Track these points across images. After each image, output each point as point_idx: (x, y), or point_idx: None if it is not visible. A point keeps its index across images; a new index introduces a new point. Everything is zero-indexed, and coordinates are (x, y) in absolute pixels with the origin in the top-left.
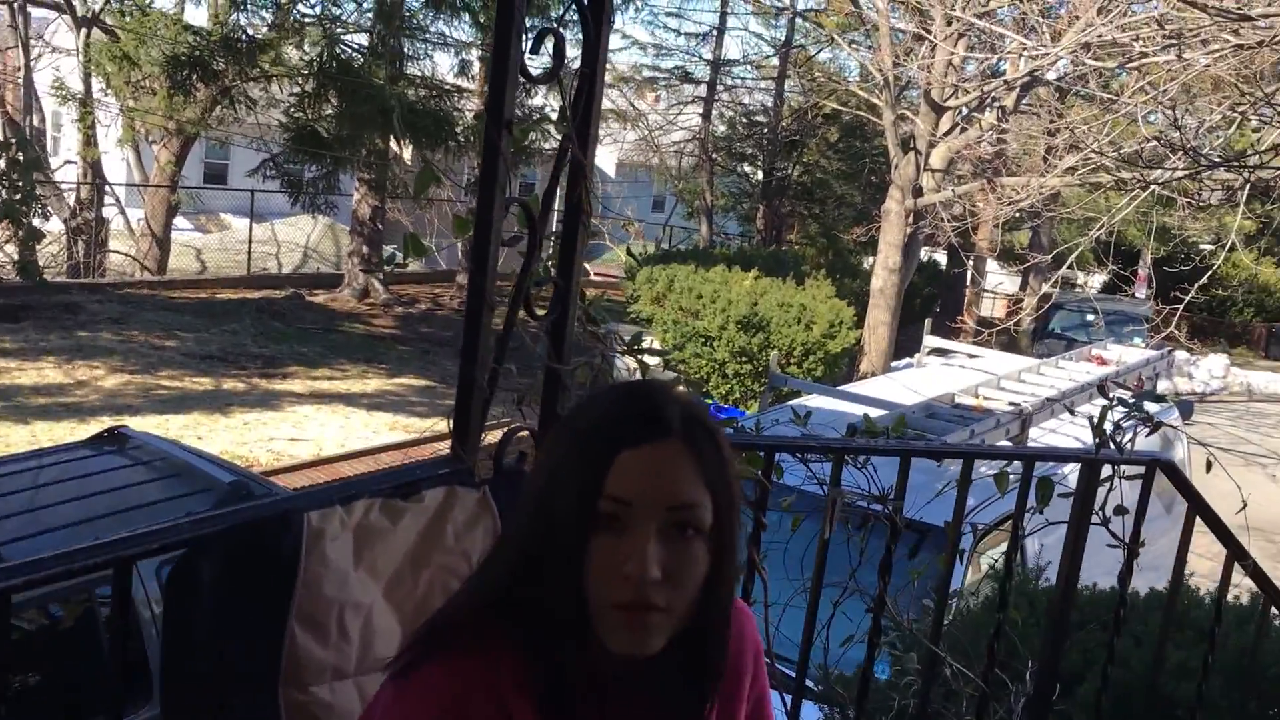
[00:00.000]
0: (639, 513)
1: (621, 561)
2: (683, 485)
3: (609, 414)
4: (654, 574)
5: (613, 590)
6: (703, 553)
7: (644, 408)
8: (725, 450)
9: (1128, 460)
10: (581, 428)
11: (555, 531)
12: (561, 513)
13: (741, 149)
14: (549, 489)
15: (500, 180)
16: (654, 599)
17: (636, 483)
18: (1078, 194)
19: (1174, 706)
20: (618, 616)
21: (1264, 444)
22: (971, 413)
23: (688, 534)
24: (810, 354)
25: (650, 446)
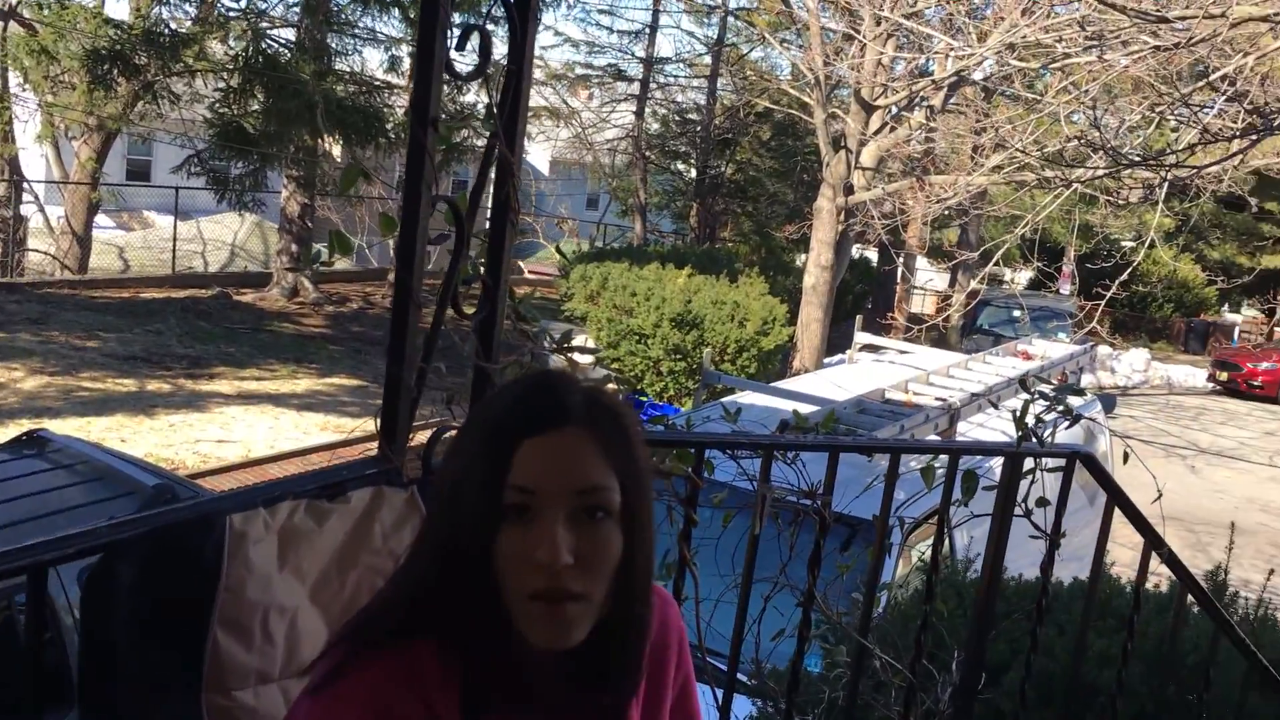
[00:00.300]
0: (545, 500)
1: (532, 550)
2: (587, 469)
3: (511, 404)
4: (565, 558)
5: (526, 580)
6: (615, 535)
7: (545, 396)
8: (631, 432)
9: (1048, 453)
10: (485, 419)
11: (464, 526)
12: (469, 507)
13: (675, 147)
14: (457, 484)
15: (427, 178)
16: (569, 585)
17: (540, 470)
18: (1004, 192)
19: (1096, 693)
20: (536, 608)
21: (1183, 436)
22: (901, 408)
23: (597, 517)
24: (744, 351)
25: (552, 434)
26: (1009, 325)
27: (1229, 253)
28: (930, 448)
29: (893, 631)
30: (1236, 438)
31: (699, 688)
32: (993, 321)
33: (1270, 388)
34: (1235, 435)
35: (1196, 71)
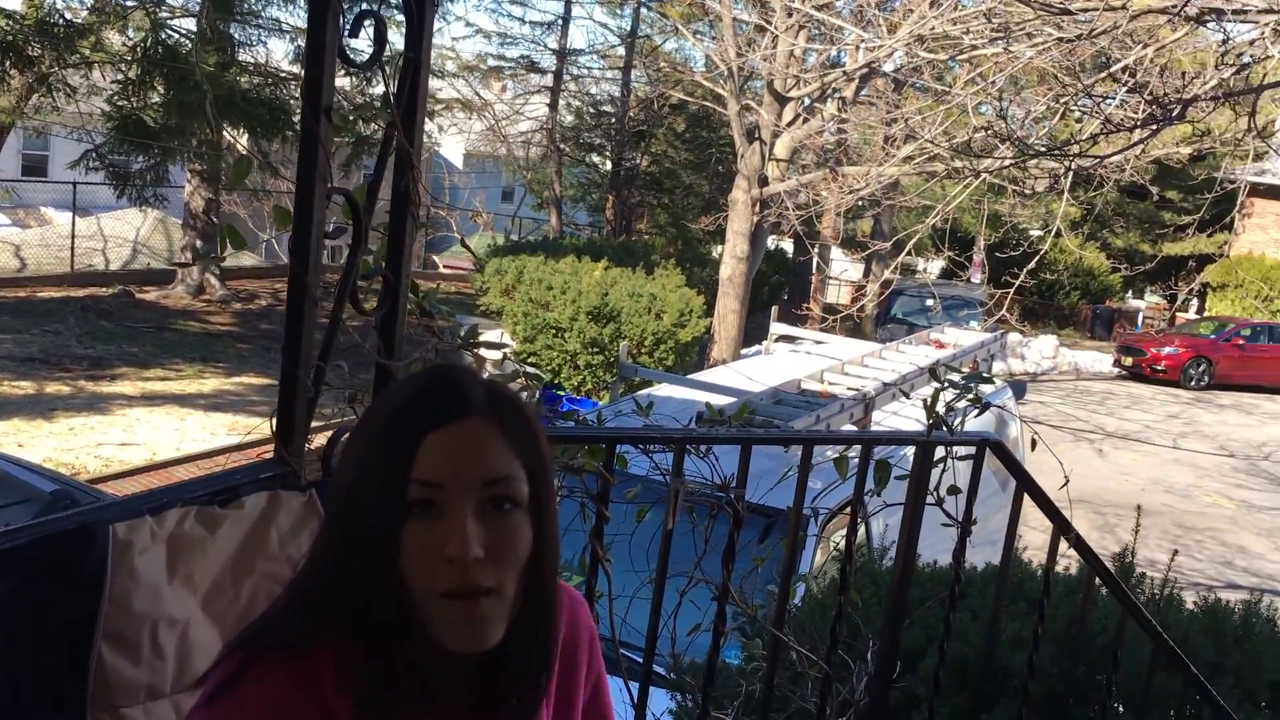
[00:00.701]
0: (452, 493)
1: (441, 546)
2: (494, 460)
3: (410, 398)
4: (476, 552)
5: (437, 578)
6: (524, 526)
7: (445, 388)
8: (533, 422)
9: (958, 441)
10: (383, 415)
11: (367, 525)
12: (370, 504)
13: (589, 139)
14: (356, 483)
15: (321, 169)
16: (481, 580)
17: (446, 463)
18: (915, 182)
19: (1010, 677)
20: (450, 609)
21: (1090, 420)
22: (817, 398)
23: (505, 509)
24: (661, 343)
25: (456, 425)
26: (922, 314)
27: (1132, 240)
28: (842, 438)
29: (809, 622)
30: (1141, 421)
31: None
32: (906, 311)
33: (1173, 371)
34: (1140, 419)
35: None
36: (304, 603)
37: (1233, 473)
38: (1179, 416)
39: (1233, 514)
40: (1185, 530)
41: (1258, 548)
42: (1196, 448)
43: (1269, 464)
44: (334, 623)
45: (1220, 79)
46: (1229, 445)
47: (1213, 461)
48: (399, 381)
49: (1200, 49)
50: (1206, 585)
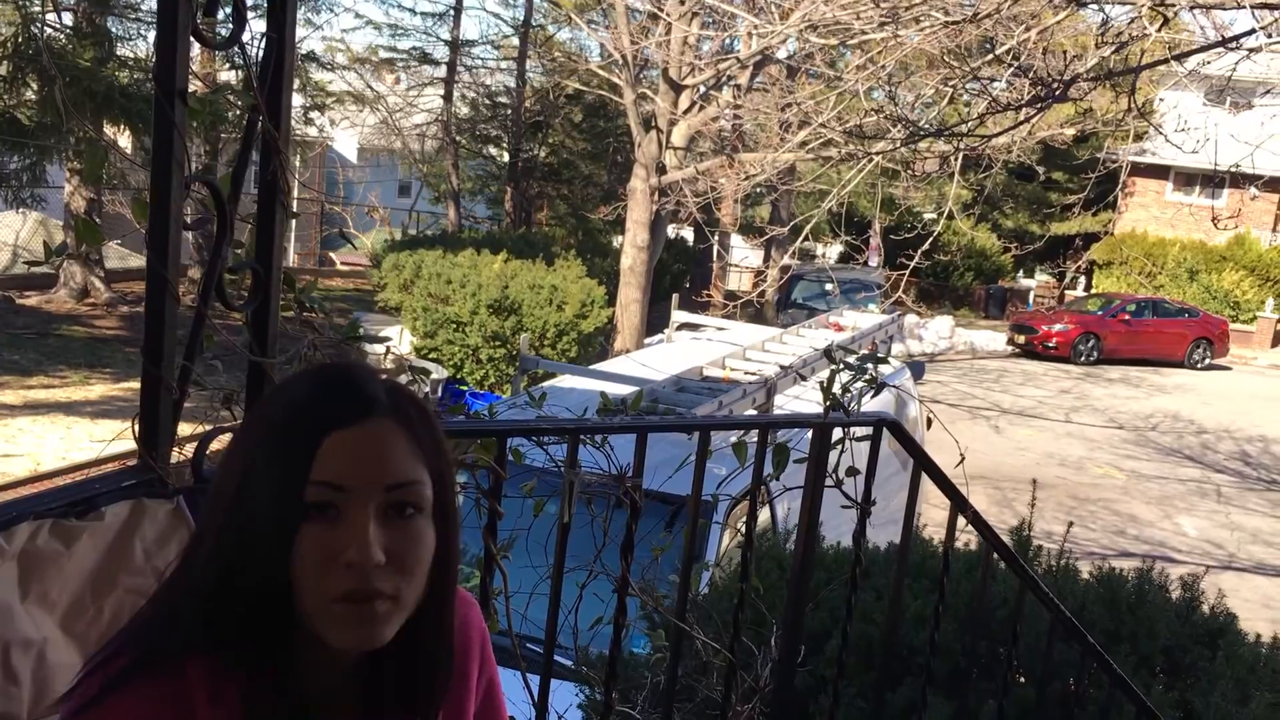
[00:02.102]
0: (355, 497)
1: (340, 551)
2: (399, 463)
3: (309, 396)
4: (378, 557)
5: (332, 583)
6: (427, 532)
7: (348, 387)
8: (435, 424)
9: (855, 422)
10: (278, 414)
11: (258, 530)
12: (263, 508)
13: (486, 131)
14: (245, 484)
15: (177, 156)
16: (380, 586)
17: (349, 465)
18: (811, 168)
19: (915, 654)
20: (343, 611)
21: (987, 398)
22: (719, 384)
23: (408, 514)
24: (564, 335)
25: (360, 426)
26: (822, 299)
27: (1021, 221)
28: (739, 423)
29: (715, 610)
30: (1035, 397)
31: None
32: (806, 295)
33: (1063, 348)
34: (1034, 395)
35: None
36: (175, 617)
37: (1122, 444)
38: (1070, 391)
39: (1124, 484)
40: (1080, 502)
41: (1148, 515)
42: (1088, 421)
43: (1156, 435)
44: (211, 636)
45: (1100, 59)
46: (1118, 418)
47: (1103, 434)
48: (292, 378)
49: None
50: (1101, 554)
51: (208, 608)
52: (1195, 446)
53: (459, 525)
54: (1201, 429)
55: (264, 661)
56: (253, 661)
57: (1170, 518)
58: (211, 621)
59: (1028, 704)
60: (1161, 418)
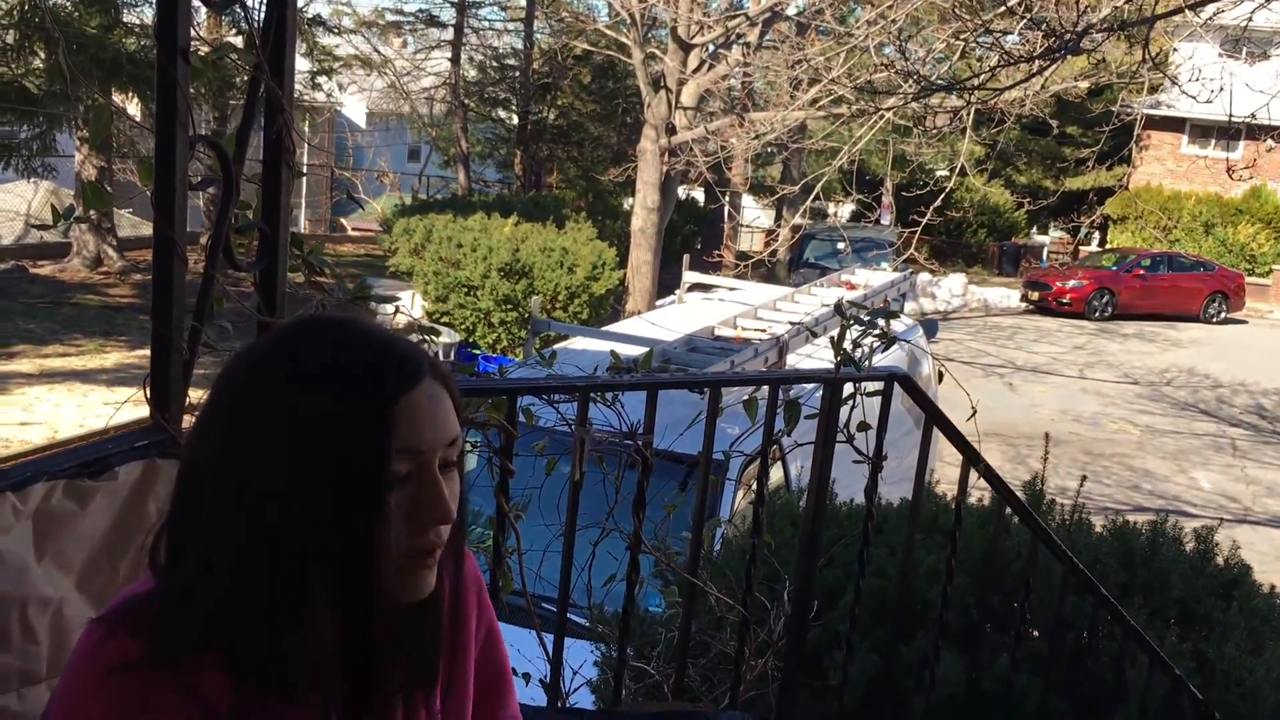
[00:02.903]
0: (428, 458)
1: (422, 511)
2: (452, 420)
3: (368, 363)
4: (454, 514)
5: (413, 544)
6: (460, 483)
7: (396, 351)
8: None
9: (866, 377)
10: (335, 382)
11: (332, 513)
12: (342, 486)
13: (494, 94)
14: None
15: (181, 116)
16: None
17: (422, 428)
18: (822, 126)
19: (928, 609)
20: (413, 565)
21: (1000, 355)
22: (731, 344)
23: (450, 469)
24: (575, 297)
25: (419, 388)
26: (834, 258)
27: (1035, 177)
28: (750, 379)
29: (728, 567)
30: (1049, 353)
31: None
32: (818, 255)
33: (1077, 304)
34: (1048, 351)
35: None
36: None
37: (1137, 399)
38: (1085, 348)
39: (1138, 439)
40: (1094, 457)
41: (1163, 470)
42: (1102, 377)
43: (1171, 390)
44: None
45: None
46: (1133, 373)
47: (1118, 390)
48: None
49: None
50: (1116, 509)
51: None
52: (1210, 401)
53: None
54: (1217, 383)
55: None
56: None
57: (1185, 472)
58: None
59: (1040, 656)
60: (1176, 372)
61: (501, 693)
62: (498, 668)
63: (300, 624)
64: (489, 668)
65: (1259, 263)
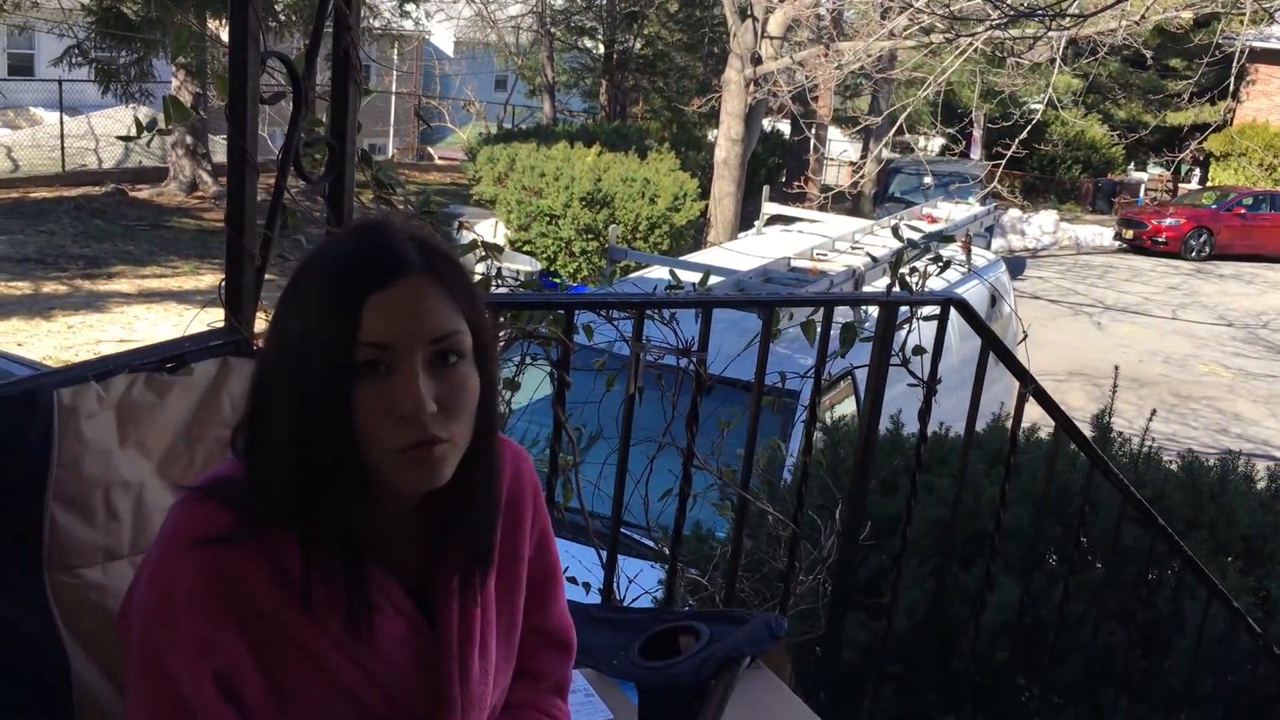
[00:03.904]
0: (402, 353)
1: (395, 404)
2: (438, 316)
3: (345, 260)
4: (430, 408)
5: (392, 436)
6: (472, 375)
7: (379, 248)
8: (467, 274)
9: (922, 301)
10: (317, 279)
11: (315, 395)
12: (318, 372)
13: (580, 23)
14: (300, 351)
15: (252, 31)
16: (436, 432)
17: (392, 324)
18: (911, 55)
19: (988, 537)
20: (405, 457)
21: (1090, 294)
22: (807, 275)
23: (451, 361)
24: (655, 228)
25: (397, 285)
26: (919, 192)
27: (1135, 111)
28: (805, 300)
29: (790, 493)
30: (1141, 294)
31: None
32: (904, 189)
33: (1174, 243)
34: (1140, 291)
35: None
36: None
37: (1230, 341)
38: (1179, 288)
39: (1229, 382)
40: (1181, 399)
41: (1253, 414)
42: (1196, 318)
43: (1267, 332)
44: (289, 499)
45: None
46: (1228, 315)
47: (1211, 331)
48: (325, 242)
49: None
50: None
51: (287, 477)
52: None
53: (498, 365)
54: None
55: (333, 518)
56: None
57: (1276, 416)
58: (289, 489)
59: (1096, 585)
60: (1274, 315)
61: (552, 591)
62: (550, 568)
63: (361, 500)
64: (541, 567)
65: None
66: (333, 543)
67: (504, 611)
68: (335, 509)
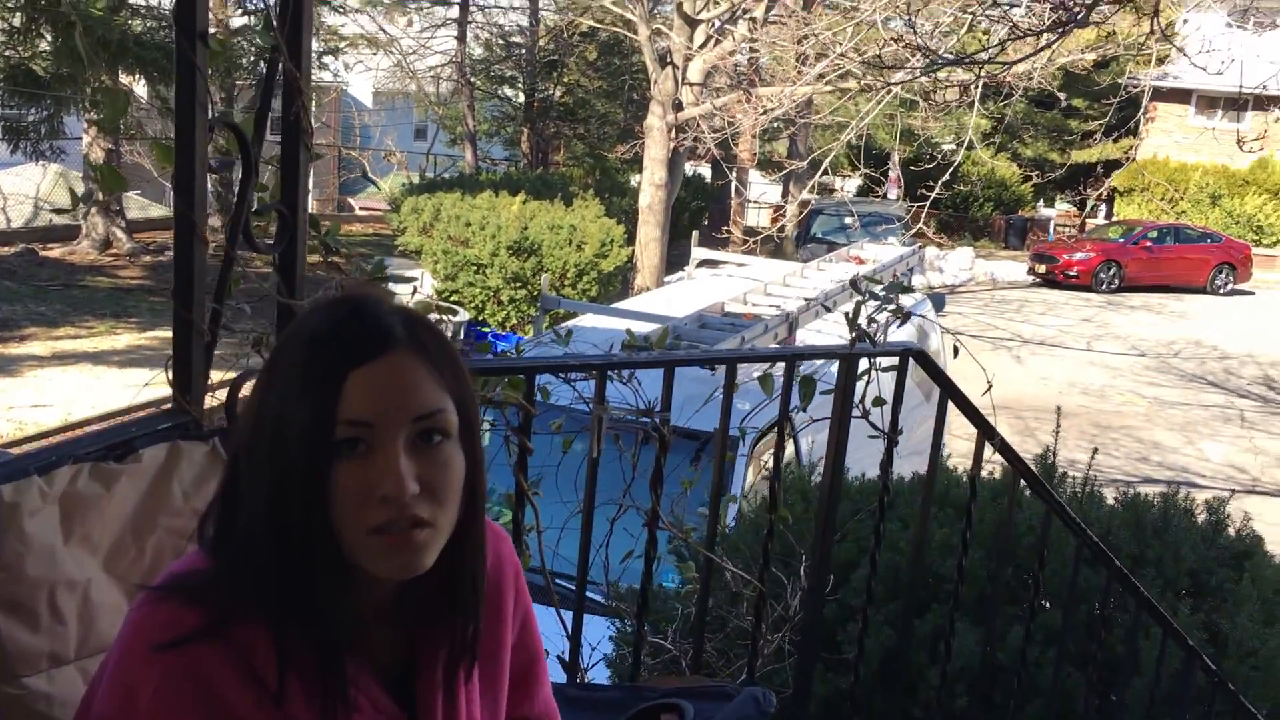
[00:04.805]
0: (384, 430)
1: (375, 485)
2: (423, 394)
3: (327, 335)
4: (412, 488)
5: (368, 516)
6: (456, 456)
7: (363, 322)
8: (453, 349)
9: (881, 352)
10: (298, 354)
11: (293, 473)
12: (295, 448)
13: (500, 71)
14: (277, 430)
15: (200, 99)
16: (418, 514)
17: (374, 400)
18: (828, 100)
19: (941, 581)
20: (382, 541)
21: (1008, 328)
22: (741, 320)
23: (436, 441)
24: (584, 274)
25: (381, 360)
26: (841, 233)
27: (1041, 149)
28: (766, 356)
29: (742, 542)
30: (1056, 326)
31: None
32: (826, 230)
33: (1084, 277)
34: (1055, 324)
35: None
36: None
37: (1145, 371)
38: (1092, 320)
39: (1146, 411)
40: (1102, 430)
41: (1171, 442)
42: (1110, 349)
43: (1179, 361)
44: (268, 594)
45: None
46: (1140, 345)
47: (1125, 362)
48: (306, 314)
49: None
50: (1125, 481)
51: (262, 565)
52: (1218, 372)
53: (482, 448)
54: (1224, 354)
55: (312, 610)
56: (302, 614)
57: (1193, 444)
58: (266, 578)
59: (1053, 628)
60: (1184, 344)
61: (537, 677)
62: (533, 654)
63: (340, 587)
64: (525, 653)
65: (1266, 233)
66: (309, 636)
67: (488, 704)
68: (312, 599)
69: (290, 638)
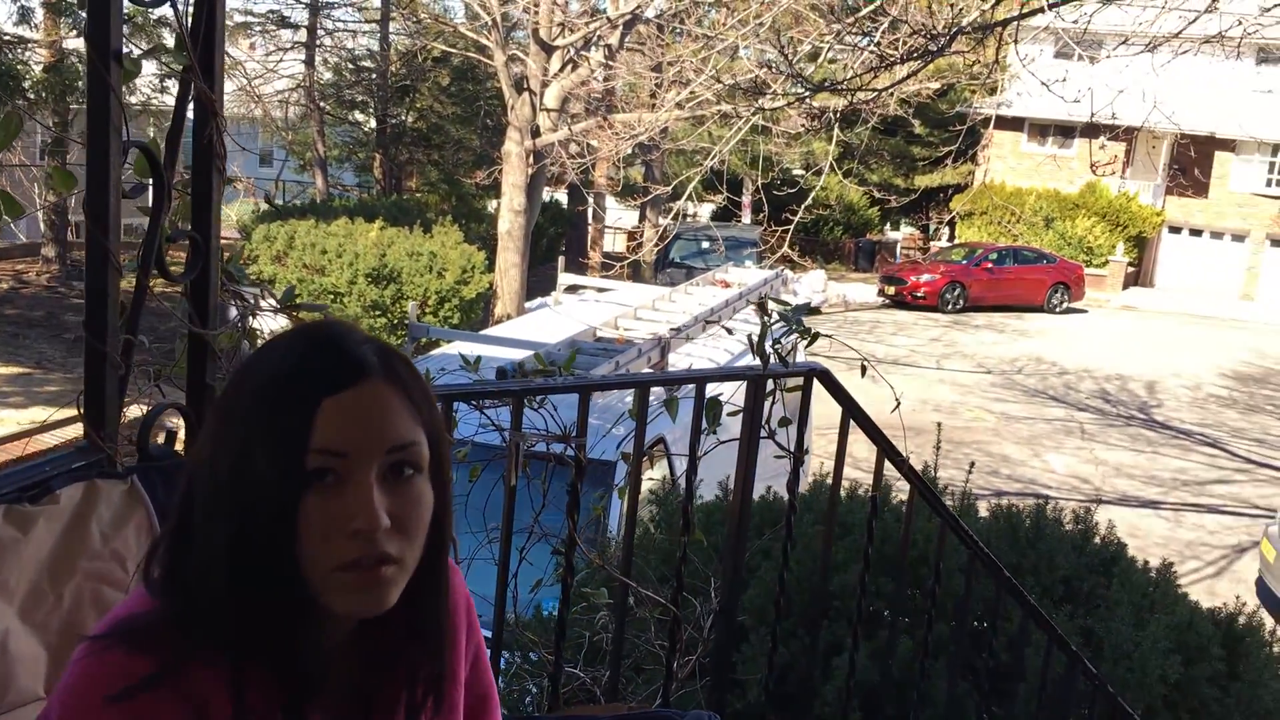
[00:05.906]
0: (356, 462)
1: (344, 518)
2: (398, 425)
3: (298, 362)
4: (385, 523)
5: (338, 552)
6: (426, 491)
7: (337, 350)
8: (425, 382)
9: (788, 373)
10: (267, 384)
11: (259, 506)
12: (262, 480)
13: (351, 96)
14: (239, 462)
15: (114, 121)
16: (386, 550)
17: (349, 430)
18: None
19: (830, 598)
20: (349, 578)
21: (862, 349)
22: (614, 344)
23: (407, 474)
24: (445, 301)
25: (356, 389)
26: (699, 257)
27: (886, 175)
28: (679, 378)
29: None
30: (907, 346)
31: None
32: (684, 254)
33: (931, 298)
34: (906, 344)
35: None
36: (187, 616)
37: (991, 388)
38: (940, 339)
39: (994, 426)
40: (954, 445)
41: (1018, 455)
42: (958, 367)
43: (1022, 377)
44: (225, 633)
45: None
46: (986, 363)
47: (973, 379)
48: (270, 346)
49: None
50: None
51: (219, 605)
52: (1059, 387)
53: (451, 482)
54: (1063, 370)
55: (272, 650)
56: (262, 652)
57: (1039, 456)
58: (224, 618)
59: (942, 639)
60: (1026, 361)
61: (490, 711)
62: (486, 689)
63: (300, 627)
64: (478, 688)
65: (1096, 254)
66: (268, 679)
67: None
68: (272, 639)
69: (249, 681)
